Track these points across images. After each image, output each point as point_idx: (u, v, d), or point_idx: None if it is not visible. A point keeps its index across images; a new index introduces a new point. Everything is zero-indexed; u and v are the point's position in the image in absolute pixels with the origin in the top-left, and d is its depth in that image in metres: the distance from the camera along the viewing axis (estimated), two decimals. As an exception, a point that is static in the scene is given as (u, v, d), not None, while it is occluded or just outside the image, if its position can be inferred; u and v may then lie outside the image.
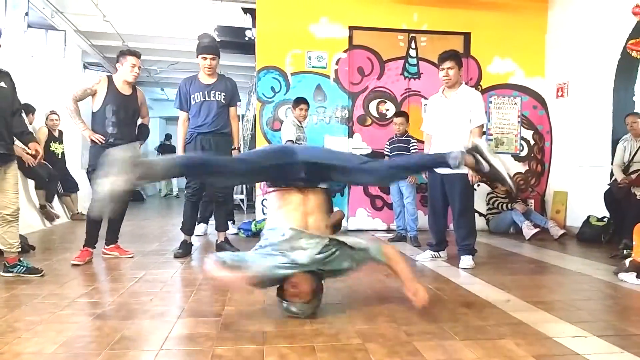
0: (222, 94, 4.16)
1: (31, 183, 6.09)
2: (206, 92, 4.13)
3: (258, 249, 2.46)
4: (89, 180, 4.31)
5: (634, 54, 5.12)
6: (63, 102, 4.15)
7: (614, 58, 5.29)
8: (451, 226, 4.33)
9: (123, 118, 3.94)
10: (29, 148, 3.47)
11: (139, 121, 4.27)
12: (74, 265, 3.67)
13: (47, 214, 6.21)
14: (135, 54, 4.00)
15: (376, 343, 2.07)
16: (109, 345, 2.02)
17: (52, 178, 6.32)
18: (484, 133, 4.33)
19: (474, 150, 2.48)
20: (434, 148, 3.97)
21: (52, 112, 6.74)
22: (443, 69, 3.81)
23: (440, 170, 3.86)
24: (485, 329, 2.27)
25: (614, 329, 2.32)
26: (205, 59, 4.11)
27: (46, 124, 6.70)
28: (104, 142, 3.85)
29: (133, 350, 1.99)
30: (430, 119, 4.07)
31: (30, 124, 6.47)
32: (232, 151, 4.38)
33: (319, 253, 2.38)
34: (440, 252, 4.04)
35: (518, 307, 2.66)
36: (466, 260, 3.78)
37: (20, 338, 2.11)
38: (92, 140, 3.88)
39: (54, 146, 6.79)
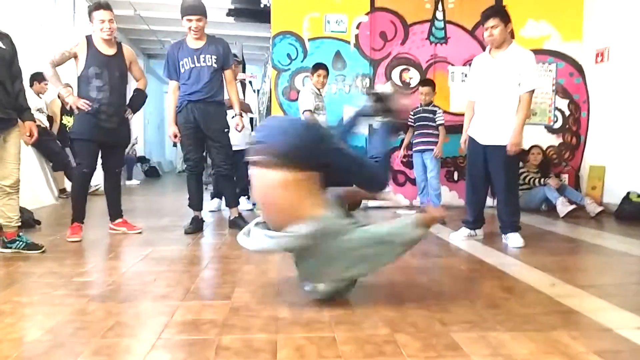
0: (213, 57, 3.80)
1: (38, 154, 5.91)
2: (195, 57, 3.77)
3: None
4: (71, 149, 4.03)
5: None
6: (41, 67, 3.79)
7: (662, 19, 4.81)
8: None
9: (108, 81, 3.57)
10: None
11: (134, 85, 3.92)
12: (72, 242, 3.46)
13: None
14: (102, 6, 3.55)
15: (407, 334, 1.78)
16: (101, 332, 1.77)
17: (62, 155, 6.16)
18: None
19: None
20: (477, 116, 3.58)
21: (67, 85, 6.51)
22: (487, 29, 3.40)
23: (482, 141, 3.52)
24: (532, 318, 1.96)
25: (683, 319, 1.99)
26: (191, 20, 3.72)
27: (59, 96, 6.50)
28: (89, 107, 3.52)
29: (127, 338, 1.74)
30: (474, 83, 3.66)
31: (42, 93, 6.28)
32: (232, 119, 4.06)
33: None
34: (476, 230, 3.71)
35: (566, 292, 2.34)
36: (516, 238, 3.46)
37: (4, 322, 1.88)
38: (77, 107, 3.55)
39: (66, 119, 6.61)
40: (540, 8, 5.72)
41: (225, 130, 3.93)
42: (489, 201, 3.95)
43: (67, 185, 6.16)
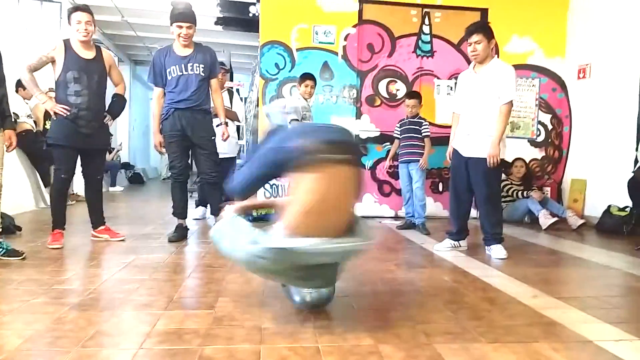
0: (201, 66, 3.79)
1: (21, 159, 5.81)
2: (183, 65, 3.76)
3: None
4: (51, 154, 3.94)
5: (665, 32, 4.76)
6: (19, 73, 3.71)
7: (642, 37, 4.93)
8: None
9: (87, 85, 3.50)
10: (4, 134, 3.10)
11: (114, 90, 3.86)
12: (53, 249, 3.40)
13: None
14: (79, 8, 3.50)
15: (391, 345, 1.78)
16: (81, 342, 1.75)
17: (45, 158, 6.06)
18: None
19: None
20: (460, 129, 3.65)
21: (51, 89, 6.43)
22: (470, 44, 3.48)
23: (464, 153, 3.57)
24: (514, 330, 1.98)
25: (661, 332, 2.03)
26: (181, 27, 3.70)
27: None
28: (68, 113, 3.45)
29: (107, 348, 1.72)
30: (459, 97, 3.74)
31: (28, 99, 6.20)
32: (217, 127, 4.06)
33: None
34: (460, 242, 3.75)
35: (547, 303, 2.37)
36: (499, 250, 3.50)
37: (-18, 331, 1.84)
38: (55, 113, 3.47)
39: (49, 124, 6.51)
40: (525, 25, 5.83)
41: (212, 137, 3.92)
42: (473, 212, 3.99)
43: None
